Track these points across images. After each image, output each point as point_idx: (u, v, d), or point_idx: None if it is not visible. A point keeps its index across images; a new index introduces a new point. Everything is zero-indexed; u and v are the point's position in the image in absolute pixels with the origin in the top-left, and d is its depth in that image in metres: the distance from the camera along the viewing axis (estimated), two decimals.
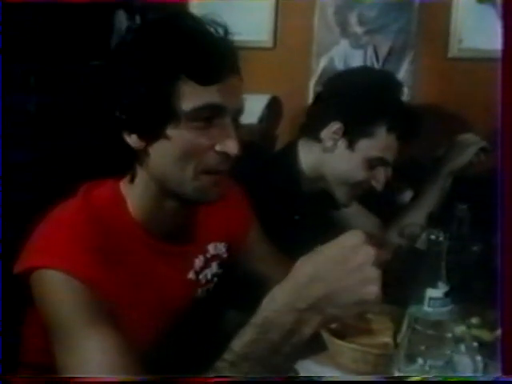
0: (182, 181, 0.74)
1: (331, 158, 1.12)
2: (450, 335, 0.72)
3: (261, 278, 0.96)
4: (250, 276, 0.98)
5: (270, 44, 1.93)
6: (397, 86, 1.16)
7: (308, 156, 1.16)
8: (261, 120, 1.81)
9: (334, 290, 0.58)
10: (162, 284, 0.80)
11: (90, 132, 0.79)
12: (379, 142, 1.09)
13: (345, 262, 0.58)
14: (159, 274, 0.79)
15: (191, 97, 0.71)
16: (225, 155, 0.73)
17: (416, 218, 1.32)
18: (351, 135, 1.10)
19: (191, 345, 0.88)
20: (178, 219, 0.82)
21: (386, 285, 1.06)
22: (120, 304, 0.69)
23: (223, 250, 0.92)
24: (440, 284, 0.73)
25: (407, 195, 1.52)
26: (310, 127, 1.16)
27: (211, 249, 0.90)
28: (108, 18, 1.71)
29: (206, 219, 0.88)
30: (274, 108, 1.85)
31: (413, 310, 0.74)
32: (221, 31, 0.76)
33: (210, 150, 0.73)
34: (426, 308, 0.72)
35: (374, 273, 0.59)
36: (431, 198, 1.33)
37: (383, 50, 1.87)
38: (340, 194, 1.15)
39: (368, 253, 0.58)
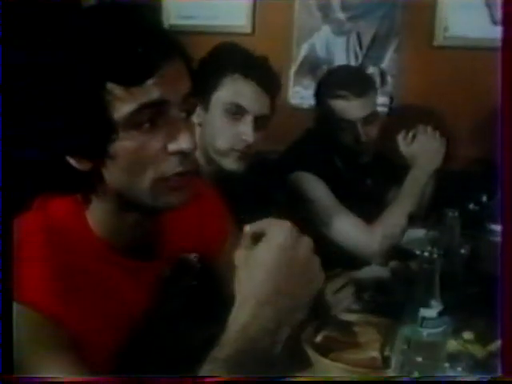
0: (140, 193, 0.67)
1: (201, 131, 1.10)
2: (444, 358, 0.69)
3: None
4: (227, 286, 0.94)
5: (248, 29, 1.87)
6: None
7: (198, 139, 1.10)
8: None
9: (295, 295, 0.57)
10: (129, 300, 0.75)
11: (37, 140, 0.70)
12: (228, 89, 1.08)
13: (293, 263, 0.56)
14: (124, 290, 0.73)
15: (121, 103, 0.62)
16: (181, 154, 0.65)
17: (396, 218, 1.30)
18: (203, 98, 1.09)
19: (162, 359, 0.85)
20: (143, 233, 0.75)
21: (375, 295, 1.06)
22: (83, 326, 0.64)
23: (195, 260, 0.87)
24: (433, 303, 0.70)
25: (392, 194, 1.49)
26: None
27: (179, 259, 0.84)
28: (75, 3, 1.60)
29: (174, 230, 0.81)
30: None
31: (405, 330, 0.70)
32: (148, 18, 0.67)
33: (162, 154, 0.65)
34: (418, 328, 0.69)
35: (317, 261, 0.59)
36: (410, 198, 1.32)
37: (367, 38, 1.82)
38: (227, 163, 1.10)
39: (307, 243, 0.58)
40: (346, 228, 1.29)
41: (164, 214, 0.75)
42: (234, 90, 1.08)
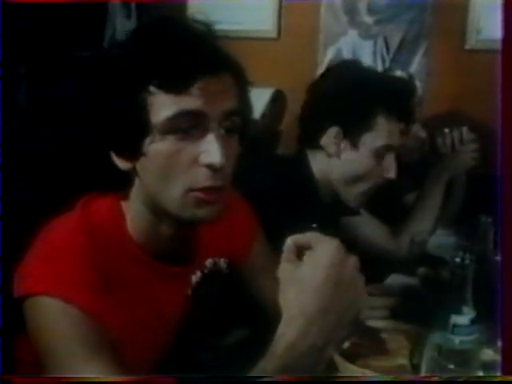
0: (170, 200, 0.69)
1: (339, 162, 1.11)
2: (478, 366, 0.67)
3: (264, 293, 0.93)
4: (254, 291, 0.95)
5: (273, 34, 1.89)
6: (378, 72, 1.17)
7: (316, 163, 1.14)
8: (264, 115, 1.75)
9: (341, 314, 0.57)
10: (161, 304, 0.76)
11: (81, 144, 0.74)
12: (381, 132, 1.08)
13: (339, 282, 0.57)
14: (158, 295, 0.76)
15: (161, 107, 0.66)
16: (211, 168, 0.67)
17: (423, 223, 1.29)
18: (352, 135, 1.09)
19: (192, 362, 0.86)
20: (177, 240, 0.77)
21: (403, 302, 1.04)
22: (119, 327, 0.67)
23: (224, 265, 0.88)
24: (465, 309, 0.68)
25: (411, 197, 1.48)
26: (308, 137, 1.15)
27: (209, 264, 0.85)
28: (102, 6, 1.66)
29: (206, 235, 0.83)
30: (278, 102, 1.79)
31: (435, 337, 0.69)
32: (201, 31, 0.70)
33: (194, 164, 0.67)
34: (449, 336, 0.68)
35: (362, 279, 0.59)
36: (435, 202, 1.31)
37: (394, 41, 1.82)
38: (350, 196, 1.13)
39: (354, 261, 0.59)
40: (371, 234, 1.28)
41: (196, 225, 0.77)
42: (387, 131, 1.08)
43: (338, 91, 1.10)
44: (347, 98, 1.08)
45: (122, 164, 0.70)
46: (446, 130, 1.37)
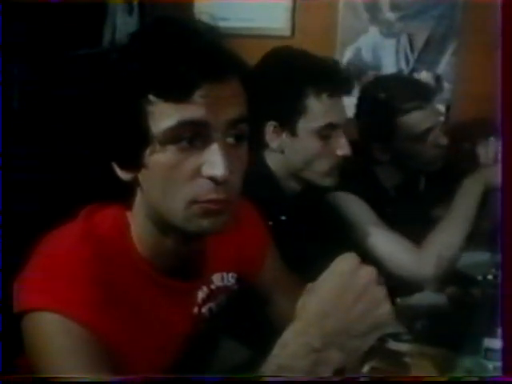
0: (173, 212, 0.69)
1: (285, 156, 1.16)
2: None
3: (276, 307, 0.93)
4: (266, 308, 0.94)
5: (287, 32, 1.87)
6: (297, 53, 1.17)
7: (271, 160, 1.18)
8: None
9: (347, 320, 0.59)
10: (166, 320, 0.77)
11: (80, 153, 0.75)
12: (316, 113, 1.11)
13: (348, 289, 0.60)
14: (162, 310, 0.76)
15: (161, 117, 0.66)
16: (214, 180, 0.66)
17: (451, 237, 1.22)
18: (288, 124, 1.13)
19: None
20: (183, 253, 0.77)
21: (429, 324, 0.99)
22: (122, 343, 0.68)
23: (232, 281, 0.88)
24: (500, 332, 0.63)
25: (438, 211, 1.42)
26: (254, 137, 1.15)
27: (216, 280, 0.85)
28: (102, 4, 1.66)
29: (214, 249, 0.83)
30: None
31: (466, 362, 0.64)
32: (204, 34, 0.68)
33: (196, 175, 0.67)
34: (482, 361, 0.63)
35: (381, 291, 0.60)
36: (466, 214, 1.24)
37: (420, 40, 1.78)
38: (314, 176, 1.17)
39: (368, 272, 0.60)
40: (393, 252, 1.22)
41: (202, 238, 0.77)
42: (323, 111, 1.11)
43: (265, 85, 1.10)
44: (273, 90, 1.10)
45: (123, 175, 0.71)
46: (492, 139, 1.30)
